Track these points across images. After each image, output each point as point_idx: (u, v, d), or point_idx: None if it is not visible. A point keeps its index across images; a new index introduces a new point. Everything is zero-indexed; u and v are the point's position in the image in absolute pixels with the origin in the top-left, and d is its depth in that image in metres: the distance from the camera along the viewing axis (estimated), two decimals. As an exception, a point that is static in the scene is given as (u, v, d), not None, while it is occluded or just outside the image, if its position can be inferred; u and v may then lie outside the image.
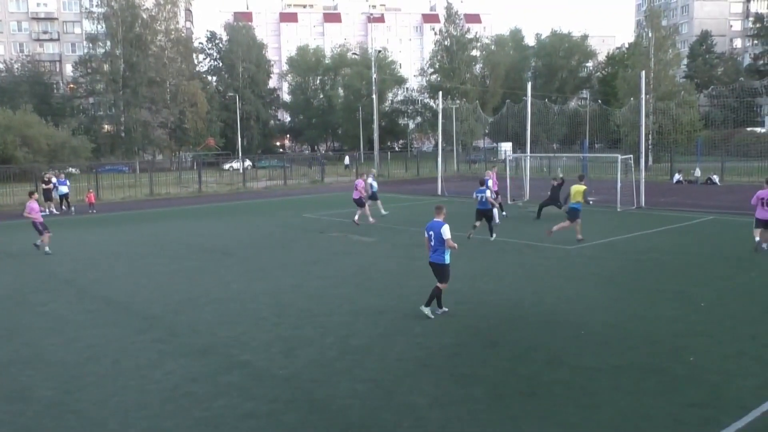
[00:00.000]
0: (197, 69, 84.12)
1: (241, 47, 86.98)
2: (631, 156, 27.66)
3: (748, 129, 67.72)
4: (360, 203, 22.76)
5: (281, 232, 21.45)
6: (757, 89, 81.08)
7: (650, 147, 48.69)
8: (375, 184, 24.59)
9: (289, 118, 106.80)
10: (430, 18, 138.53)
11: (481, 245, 17.40)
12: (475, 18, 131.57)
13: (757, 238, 15.98)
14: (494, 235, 18.37)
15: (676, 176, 39.19)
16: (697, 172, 39.44)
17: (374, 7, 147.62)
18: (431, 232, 10.51)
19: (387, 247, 17.71)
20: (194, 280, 13.98)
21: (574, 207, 17.73)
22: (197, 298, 12.29)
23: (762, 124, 71.81)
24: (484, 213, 18.33)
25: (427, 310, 10.51)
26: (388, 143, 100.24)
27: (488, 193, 18.56)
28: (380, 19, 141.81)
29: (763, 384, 7.41)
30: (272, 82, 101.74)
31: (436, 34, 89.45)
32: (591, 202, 20.75)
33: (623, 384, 7.52)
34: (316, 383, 7.82)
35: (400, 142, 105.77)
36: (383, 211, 24.45)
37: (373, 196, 23.99)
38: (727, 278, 12.99)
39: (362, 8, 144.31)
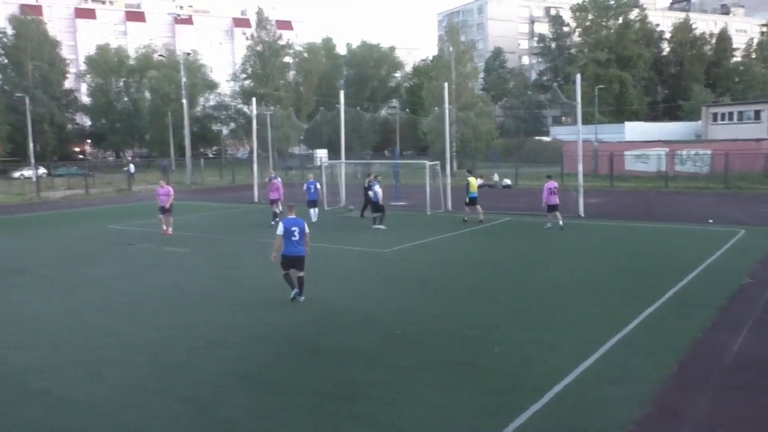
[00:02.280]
0: (-24, 66, 75.24)
1: (30, 43, 79.23)
2: (438, 162, 29.28)
3: (537, 138, 74.90)
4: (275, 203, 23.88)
5: (84, 245, 19.89)
6: (543, 102, 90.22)
7: (454, 154, 51.94)
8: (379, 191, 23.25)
9: (89, 122, 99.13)
10: (240, 22, 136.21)
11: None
12: (286, 25, 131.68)
13: (548, 225, 20.98)
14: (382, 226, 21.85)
15: (478, 181, 42.12)
16: (496, 177, 42.79)
17: (181, 8, 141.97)
18: (295, 228, 11.55)
19: (202, 258, 17.10)
20: (-22, 303, 12.47)
21: (473, 196, 22.88)
22: (-18, 323, 10.96)
23: (548, 134, 79.76)
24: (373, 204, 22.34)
25: (298, 296, 11.80)
26: (201, 150, 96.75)
27: (377, 188, 22.29)
28: (188, 21, 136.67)
29: (555, 368, 8.16)
30: (69, 83, 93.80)
31: (247, 39, 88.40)
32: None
33: (435, 379, 7.89)
34: (127, 407, 7.28)
35: (214, 148, 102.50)
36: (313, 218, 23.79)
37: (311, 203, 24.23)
38: (522, 274, 14.19)
39: (168, 8, 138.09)
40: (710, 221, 22.02)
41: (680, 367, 8.14)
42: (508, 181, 41.15)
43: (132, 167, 56.68)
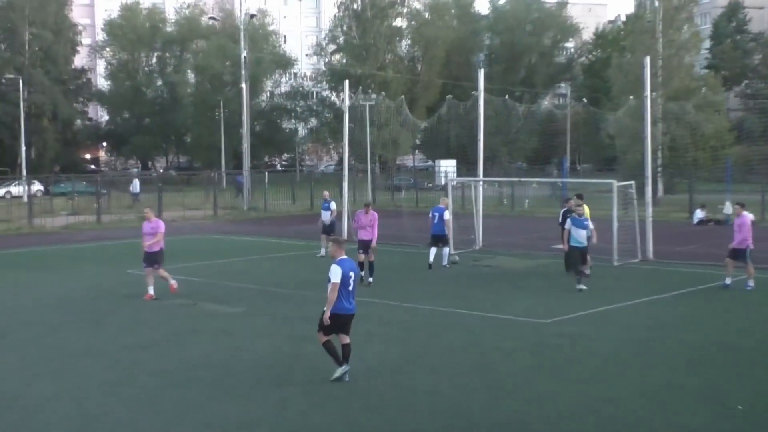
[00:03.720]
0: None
1: (28, 3, 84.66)
2: (633, 183, 28.63)
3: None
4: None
5: (92, 298, 20.83)
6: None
7: (660, 170, 50.66)
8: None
9: (106, 117, 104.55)
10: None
11: (405, 316, 17.54)
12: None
13: (728, 281, 21.47)
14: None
15: (698, 213, 40.91)
16: (728, 209, 41.20)
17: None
18: (352, 274, 12.74)
19: (261, 322, 17.53)
20: (-60, 378, 13.28)
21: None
22: (-56, 407, 11.65)
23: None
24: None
25: (341, 370, 12.54)
26: (266, 159, 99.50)
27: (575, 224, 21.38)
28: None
29: None
30: (80, 60, 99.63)
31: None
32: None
33: None
34: None
35: (285, 157, 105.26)
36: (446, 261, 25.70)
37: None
38: (772, 367, 13.59)
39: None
40: None
41: None
42: (748, 215, 39.51)
43: (136, 184, 58.01)
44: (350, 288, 12.58)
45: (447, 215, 25.34)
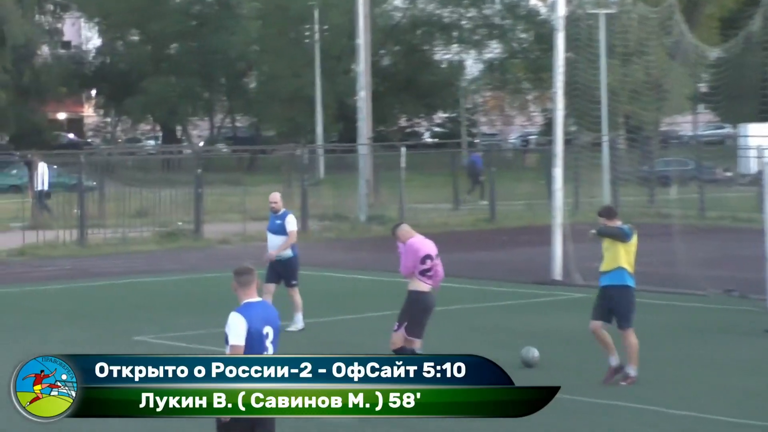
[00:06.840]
0: None
1: None
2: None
3: None
4: None
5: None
6: None
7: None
8: None
9: (97, 42, 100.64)
10: None
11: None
12: None
13: None
14: None
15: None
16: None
17: None
18: (268, 329, 11.07)
19: None
20: None
21: None
22: None
23: None
24: None
25: None
26: (402, 121, 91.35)
27: None
28: None
29: None
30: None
31: None
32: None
33: None
34: None
35: (440, 118, 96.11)
36: None
37: None
38: None
39: None
40: None
41: None
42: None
43: (43, 170, 48.70)
44: (269, 352, 10.88)
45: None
